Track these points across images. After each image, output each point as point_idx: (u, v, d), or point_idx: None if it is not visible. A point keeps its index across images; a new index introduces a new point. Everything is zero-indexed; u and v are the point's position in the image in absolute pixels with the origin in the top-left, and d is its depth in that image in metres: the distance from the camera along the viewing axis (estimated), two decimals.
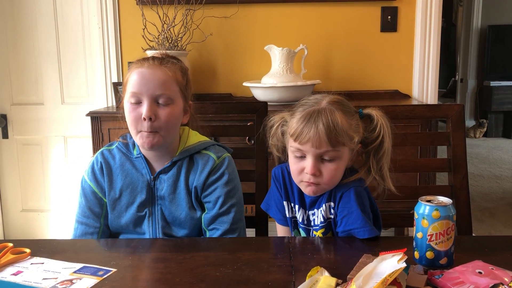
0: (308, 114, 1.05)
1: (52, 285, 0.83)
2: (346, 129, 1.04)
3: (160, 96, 1.13)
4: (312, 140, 1.03)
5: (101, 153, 1.24)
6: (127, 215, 1.20)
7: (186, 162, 1.20)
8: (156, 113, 1.12)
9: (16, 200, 2.84)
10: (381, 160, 1.09)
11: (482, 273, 0.80)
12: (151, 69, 1.14)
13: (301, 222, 1.17)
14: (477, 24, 6.29)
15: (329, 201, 1.11)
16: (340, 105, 1.07)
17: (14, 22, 2.66)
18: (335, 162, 1.05)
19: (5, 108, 2.75)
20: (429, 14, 2.49)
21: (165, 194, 1.19)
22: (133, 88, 1.13)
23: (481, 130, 6.03)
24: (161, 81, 1.13)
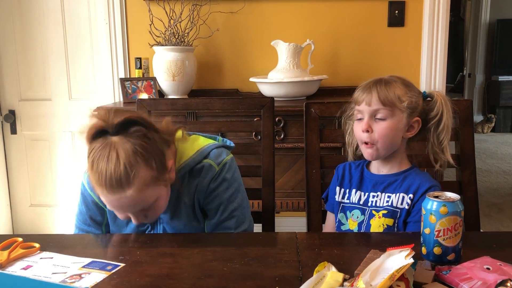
0: (369, 81, 1.19)
1: (61, 280, 0.84)
2: (398, 92, 1.14)
3: (142, 210, 1.04)
4: (366, 99, 1.15)
5: None
6: (128, 229, 1.19)
7: (186, 177, 1.16)
8: (146, 214, 1.06)
9: (25, 195, 2.86)
10: (440, 135, 1.18)
11: (490, 269, 0.80)
12: (120, 199, 0.98)
13: (357, 203, 1.22)
14: (486, 18, 6.23)
15: (405, 192, 1.17)
16: (402, 80, 1.19)
17: (22, 18, 2.67)
18: (387, 121, 1.14)
19: (13, 104, 2.77)
20: (437, 9, 2.47)
21: (167, 212, 1.16)
22: (115, 212, 1.05)
23: (489, 125, 5.99)
24: (135, 202, 0.99)
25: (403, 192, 1.17)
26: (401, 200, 1.16)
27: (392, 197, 1.18)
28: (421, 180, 1.17)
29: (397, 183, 1.19)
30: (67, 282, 0.83)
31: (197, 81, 2.53)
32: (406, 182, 1.18)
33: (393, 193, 1.18)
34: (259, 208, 1.43)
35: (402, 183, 1.18)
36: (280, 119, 2.15)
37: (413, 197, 1.15)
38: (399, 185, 1.18)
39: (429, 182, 1.16)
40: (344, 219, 1.24)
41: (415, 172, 1.20)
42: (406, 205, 1.16)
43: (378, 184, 1.21)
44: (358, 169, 1.26)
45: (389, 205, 1.17)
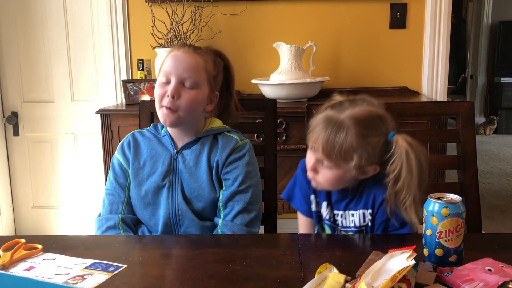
0: (325, 118, 1.06)
1: (64, 281, 0.84)
2: (346, 149, 1.02)
3: (186, 79, 1.20)
4: (313, 143, 1.07)
5: (132, 133, 1.33)
6: (148, 183, 1.24)
7: (209, 140, 1.27)
8: (179, 93, 1.20)
9: (27, 197, 2.87)
10: (399, 194, 1.03)
11: (491, 270, 0.80)
12: (184, 53, 1.23)
13: (328, 219, 1.18)
14: (488, 20, 6.22)
15: (365, 208, 1.12)
16: (360, 125, 1.03)
17: (25, 20, 2.68)
18: (330, 171, 1.08)
19: (16, 106, 2.78)
20: (439, 10, 2.47)
21: (187, 166, 1.24)
22: (165, 68, 1.22)
23: (491, 127, 5.98)
24: (190, 66, 1.21)
25: (362, 208, 1.13)
26: (363, 217, 1.13)
27: (355, 216, 1.14)
28: (375, 191, 1.11)
29: (356, 198, 1.14)
30: (69, 283, 0.84)
31: None
32: (364, 195, 1.13)
33: (355, 210, 1.14)
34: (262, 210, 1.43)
35: (360, 196, 1.13)
36: (282, 120, 2.15)
37: (372, 211, 1.12)
38: (358, 200, 1.13)
39: (382, 191, 1.08)
40: (321, 230, 1.21)
41: (371, 179, 1.11)
42: (369, 221, 1.13)
43: (339, 202, 1.16)
44: None
45: (354, 225, 1.14)
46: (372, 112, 1.07)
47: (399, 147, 1.02)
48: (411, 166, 1.01)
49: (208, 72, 1.25)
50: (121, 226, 1.24)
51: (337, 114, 1.06)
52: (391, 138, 1.05)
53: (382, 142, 1.05)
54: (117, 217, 1.24)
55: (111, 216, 1.25)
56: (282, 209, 2.21)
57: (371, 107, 1.08)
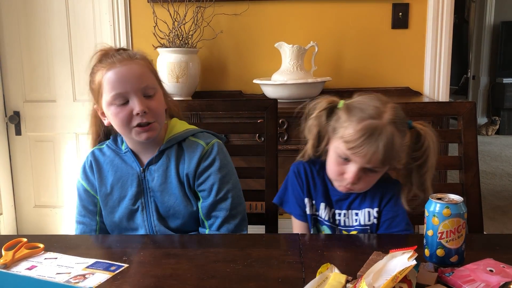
0: (369, 129, 1.02)
1: (65, 280, 0.85)
2: (398, 151, 1.05)
3: (145, 88, 1.12)
4: (368, 156, 1.02)
5: (92, 153, 1.26)
6: (120, 209, 1.19)
7: (174, 150, 1.19)
8: (147, 106, 1.11)
9: (29, 196, 2.88)
10: (423, 176, 1.08)
11: (493, 271, 0.80)
12: (125, 65, 1.12)
13: (327, 220, 1.17)
14: (490, 20, 6.21)
15: (370, 206, 1.12)
16: (398, 124, 1.05)
17: (27, 20, 2.69)
18: (377, 174, 1.08)
19: (18, 105, 2.79)
20: (441, 11, 2.46)
21: (156, 184, 1.17)
22: (115, 89, 1.10)
23: (493, 128, 5.97)
24: (141, 74, 1.12)
25: (368, 207, 1.13)
26: (368, 216, 1.13)
27: (359, 215, 1.13)
28: (382, 189, 1.12)
29: (361, 196, 1.13)
30: (71, 282, 0.84)
31: (201, 82, 2.53)
32: (369, 194, 1.13)
33: (360, 210, 1.13)
34: (263, 210, 1.43)
35: (365, 195, 1.13)
36: (283, 120, 2.15)
37: (379, 209, 1.12)
38: (363, 199, 1.13)
39: (391, 188, 1.11)
40: (317, 233, 1.20)
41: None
42: (374, 220, 1.12)
43: (342, 201, 1.15)
44: (320, 177, 1.17)
45: (358, 224, 1.13)
46: (397, 107, 1.07)
47: (424, 133, 1.07)
48: (435, 148, 1.07)
49: (153, 72, 1.18)
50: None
51: (377, 122, 1.03)
52: (411, 124, 1.09)
53: (407, 132, 1.08)
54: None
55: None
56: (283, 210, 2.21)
57: (390, 102, 1.08)
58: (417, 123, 1.09)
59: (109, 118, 1.16)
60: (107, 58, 1.14)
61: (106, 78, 1.11)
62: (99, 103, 1.17)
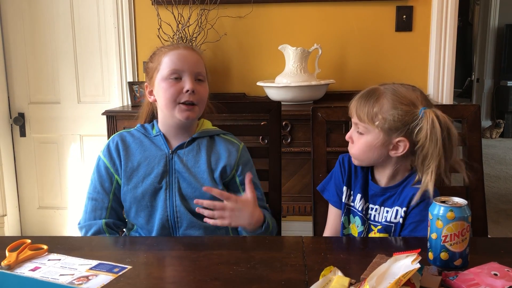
0: (367, 89, 1.15)
1: (68, 281, 0.85)
2: (376, 109, 1.10)
3: (198, 74, 1.24)
4: (350, 109, 1.15)
5: (119, 133, 1.31)
6: (143, 185, 1.22)
7: (206, 141, 1.28)
8: (196, 88, 1.22)
9: (33, 198, 2.89)
10: (425, 161, 1.08)
11: (497, 275, 0.79)
12: (187, 50, 1.26)
13: (360, 211, 1.20)
14: (494, 23, 6.20)
15: (401, 206, 1.13)
16: (394, 93, 1.11)
17: (32, 22, 2.70)
18: (364, 137, 1.13)
19: (22, 107, 2.80)
20: (445, 13, 2.46)
21: (185, 167, 1.23)
22: (174, 65, 1.22)
23: (497, 131, 5.95)
24: (197, 61, 1.26)
25: (398, 206, 1.14)
26: (395, 214, 1.13)
27: (389, 212, 1.15)
28: (415, 190, 1.11)
29: (396, 195, 1.15)
30: (74, 283, 0.84)
31: None
32: (403, 194, 1.14)
33: (391, 208, 1.15)
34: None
35: (399, 195, 1.14)
36: (287, 123, 2.15)
37: (407, 209, 1.12)
38: (397, 198, 1.15)
39: (424, 192, 1.09)
40: (347, 223, 1.23)
41: (414, 177, 1.14)
42: (400, 219, 1.12)
43: (377, 196, 1.17)
44: (363, 171, 1.22)
45: (385, 220, 1.15)
46: (411, 90, 1.13)
47: (427, 116, 1.07)
48: (436, 135, 1.06)
49: (206, 68, 1.30)
50: (106, 231, 1.23)
51: (377, 86, 1.15)
52: (421, 112, 1.09)
53: (411, 113, 1.08)
54: (101, 222, 1.23)
55: (94, 222, 1.23)
56: (286, 212, 2.21)
57: (414, 89, 1.14)
58: (433, 111, 1.08)
59: (158, 94, 1.24)
60: (172, 45, 1.29)
61: (167, 56, 1.24)
62: (152, 80, 1.27)
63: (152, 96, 1.28)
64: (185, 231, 1.21)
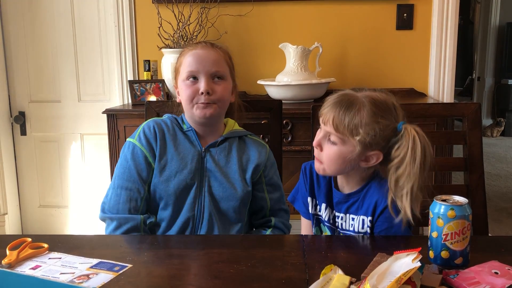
0: (336, 97, 1.09)
1: (69, 280, 0.85)
2: (356, 122, 1.03)
3: (215, 73, 1.24)
4: (324, 116, 1.07)
5: (153, 120, 1.28)
6: (176, 180, 1.20)
7: (236, 141, 1.29)
8: (212, 88, 1.22)
9: (34, 196, 2.89)
10: (400, 179, 1.02)
11: (498, 273, 0.79)
12: (204, 49, 1.25)
13: (327, 221, 1.17)
14: (495, 21, 6.19)
15: (365, 214, 1.10)
16: (374, 105, 1.04)
17: (32, 21, 2.70)
18: (336, 147, 1.06)
19: (23, 106, 2.80)
20: (446, 12, 2.46)
21: (218, 166, 1.23)
22: (190, 67, 1.23)
23: (498, 129, 5.94)
24: (215, 60, 1.25)
25: (363, 214, 1.10)
26: (362, 224, 1.10)
27: (355, 220, 1.12)
28: (378, 197, 1.08)
29: (359, 202, 1.11)
30: (75, 282, 0.84)
31: None
32: (366, 200, 1.10)
33: (356, 215, 1.11)
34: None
35: (362, 201, 1.11)
36: (287, 121, 2.15)
37: (372, 219, 1.09)
38: (360, 205, 1.11)
39: (386, 198, 1.06)
40: (319, 232, 1.21)
41: (376, 182, 1.11)
42: (368, 229, 1.10)
43: (341, 204, 1.14)
44: (325, 179, 1.17)
45: (353, 230, 1.12)
46: (388, 99, 1.08)
47: (408, 133, 1.02)
48: (415, 153, 1.00)
49: (228, 64, 1.29)
50: (143, 229, 1.18)
51: (353, 93, 1.09)
52: (401, 126, 1.04)
53: (391, 128, 1.04)
54: (139, 218, 1.17)
55: (132, 217, 1.17)
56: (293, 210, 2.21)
57: (389, 96, 1.09)
58: (413, 128, 1.03)
59: (181, 94, 1.26)
60: (193, 45, 1.29)
61: (186, 57, 1.25)
62: (177, 81, 1.29)
63: (179, 96, 1.29)
64: (206, 231, 1.20)
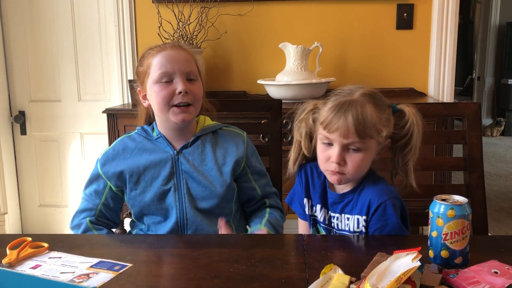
0: (339, 104, 1.06)
1: (69, 279, 0.85)
2: (375, 122, 1.04)
3: (189, 73, 1.21)
4: (340, 129, 1.04)
5: (121, 139, 1.29)
6: (151, 189, 1.22)
7: (209, 137, 1.27)
8: (189, 88, 1.19)
9: (34, 196, 2.89)
10: (406, 156, 1.09)
11: (498, 273, 0.79)
12: (175, 50, 1.22)
13: (322, 222, 1.17)
14: (495, 21, 6.19)
15: (359, 214, 1.10)
16: (372, 98, 1.08)
17: (33, 20, 2.70)
18: (361, 153, 1.05)
19: (23, 105, 2.80)
20: (446, 11, 2.46)
21: (193, 167, 1.22)
22: (162, 68, 1.19)
23: (498, 129, 5.94)
24: (187, 60, 1.22)
25: (357, 214, 1.10)
26: (357, 223, 1.10)
27: (350, 220, 1.12)
28: (371, 197, 1.08)
29: (353, 201, 1.11)
30: (75, 281, 0.84)
31: (205, 83, 2.50)
32: (360, 200, 1.10)
33: (351, 215, 1.11)
34: None
35: (357, 201, 1.11)
36: (287, 121, 2.15)
37: (367, 218, 1.09)
38: (354, 205, 1.11)
39: (378, 197, 1.07)
40: (316, 233, 1.21)
41: (369, 182, 1.11)
42: (363, 228, 1.10)
43: (336, 204, 1.14)
44: (320, 180, 1.17)
45: (348, 229, 1.12)
46: (374, 89, 1.11)
47: (409, 112, 1.08)
48: (419, 126, 1.08)
49: (197, 64, 1.26)
50: (92, 228, 1.27)
51: (347, 98, 1.07)
52: (396, 107, 1.10)
53: (390, 112, 1.09)
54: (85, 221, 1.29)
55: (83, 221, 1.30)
56: (287, 210, 2.21)
57: (362, 86, 1.12)
58: (403, 105, 1.10)
59: (151, 98, 1.21)
60: (159, 46, 1.24)
61: (156, 58, 1.20)
62: (144, 84, 1.24)
63: (146, 100, 1.25)
64: (194, 232, 1.21)
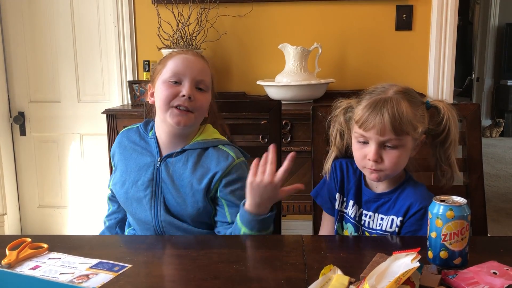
0: (374, 102, 1.07)
1: (69, 280, 0.85)
2: (410, 118, 1.05)
3: (200, 82, 1.20)
4: (376, 127, 1.05)
5: (122, 132, 1.32)
6: (132, 191, 1.22)
7: (196, 153, 1.21)
8: (194, 95, 1.18)
9: (33, 197, 2.89)
10: (447, 150, 1.12)
11: (497, 273, 0.79)
12: (194, 56, 1.23)
13: (353, 218, 1.18)
14: (494, 22, 6.20)
15: (396, 215, 1.10)
16: (406, 94, 1.09)
17: (32, 21, 2.70)
18: (398, 150, 1.06)
19: (22, 106, 2.80)
20: (445, 12, 2.46)
21: (170, 178, 1.19)
22: (176, 68, 1.19)
23: (497, 130, 5.95)
24: (202, 69, 1.22)
25: (393, 214, 1.11)
26: (391, 223, 1.11)
27: (384, 220, 1.12)
28: (412, 200, 1.10)
29: (390, 202, 1.12)
30: (74, 282, 0.84)
31: None
32: (399, 202, 1.11)
33: (386, 215, 1.12)
34: None
35: (395, 202, 1.12)
36: (287, 122, 2.15)
37: (403, 219, 1.10)
38: (392, 206, 1.12)
39: (420, 202, 1.09)
40: (341, 229, 1.21)
41: (410, 185, 1.13)
42: (396, 228, 1.10)
43: (371, 202, 1.15)
44: (355, 176, 1.19)
45: (380, 229, 1.13)
46: (407, 87, 1.12)
47: (443, 108, 1.11)
48: (455, 122, 1.11)
49: (212, 78, 1.25)
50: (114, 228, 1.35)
51: (381, 96, 1.08)
52: (429, 103, 1.12)
53: (424, 108, 1.11)
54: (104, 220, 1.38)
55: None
56: (286, 211, 2.21)
57: (396, 83, 1.13)
58: (436, 101, 1.13)
59: (157, 95, 1.21)
60: (181, 50, 1.28)
61: (173, 59, 1.21)
62: (154, 81, 1.24)
63: (152, 97, 1.25)
64: None
